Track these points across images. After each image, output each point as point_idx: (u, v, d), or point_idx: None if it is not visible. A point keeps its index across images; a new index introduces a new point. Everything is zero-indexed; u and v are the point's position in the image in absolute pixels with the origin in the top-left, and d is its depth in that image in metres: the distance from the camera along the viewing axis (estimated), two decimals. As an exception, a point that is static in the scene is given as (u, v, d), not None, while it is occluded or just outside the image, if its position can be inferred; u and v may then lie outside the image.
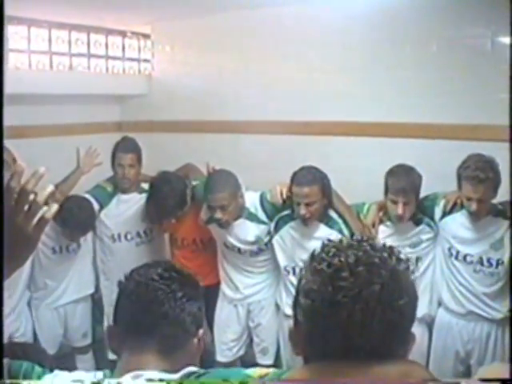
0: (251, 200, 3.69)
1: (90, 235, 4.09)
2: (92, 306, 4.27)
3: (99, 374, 1.62)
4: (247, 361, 3.98)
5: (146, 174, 4.12)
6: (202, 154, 4.24)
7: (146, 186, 4.10)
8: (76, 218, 3.73)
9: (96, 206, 4.01)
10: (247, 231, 3.68)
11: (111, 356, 4.01)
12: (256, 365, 3.67)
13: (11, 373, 1.66)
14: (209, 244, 4.00)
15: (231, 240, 3.72)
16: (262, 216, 3.67)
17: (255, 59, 4.48)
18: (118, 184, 4.09)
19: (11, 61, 4.27)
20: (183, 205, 3.82)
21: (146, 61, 5.14)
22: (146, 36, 5.08)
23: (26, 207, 1.15)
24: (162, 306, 1.57)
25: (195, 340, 1.62)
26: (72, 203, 3.76)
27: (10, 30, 4.23)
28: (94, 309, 4.28)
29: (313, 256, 1.24)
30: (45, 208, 1.17)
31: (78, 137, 4.54)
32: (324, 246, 1.24)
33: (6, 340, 3.30)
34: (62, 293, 4.05)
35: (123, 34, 4.99)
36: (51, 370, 1.71)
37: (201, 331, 1.65)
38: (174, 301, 1.58)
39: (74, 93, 4.56)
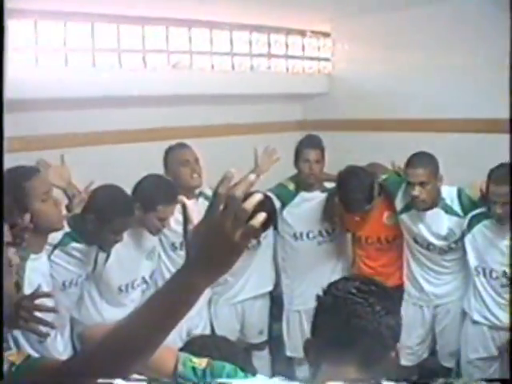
0: (448, 192, 3.63)
1: (270, 232, 4.10)
2: (270, 303, 4.28)
3: None
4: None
5: (328, 173, 4.09)
6: (384, 152, 4.18)
7: (328, 184, 4.07)
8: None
9: (277, 204, 4.04)
10: (441, 222, 3.62)
11: (289, 353, 4.11)
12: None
13: (213, 373, 1.71)
14: (394, 243, 3.93)
15: (423, 232, 3.67)
16: (457, 208, 3.61)
17: (437, 56, 4.30)
18: (302, 181, 4.07)
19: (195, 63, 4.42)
20: (370, 199, 3.75)
21: (325, 59, 5.14)
22: (326, 34, 5.09)
23: (234, 214, 1.12)
24: (361, 319, 1.58)
25: (393, 354, 1.62)
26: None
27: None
28: (271, 306, 4.29)
29: None
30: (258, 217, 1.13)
31: (258, 136, 4.62)
32: None
33: (185, 337, 3.42)
34: (240, 289, 4.09)
35: (303, 33, 5.03)
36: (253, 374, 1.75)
37: (398, 345, 1.64)
38: (373, 314, 1.58)
39: (255, 92, 4.67)
